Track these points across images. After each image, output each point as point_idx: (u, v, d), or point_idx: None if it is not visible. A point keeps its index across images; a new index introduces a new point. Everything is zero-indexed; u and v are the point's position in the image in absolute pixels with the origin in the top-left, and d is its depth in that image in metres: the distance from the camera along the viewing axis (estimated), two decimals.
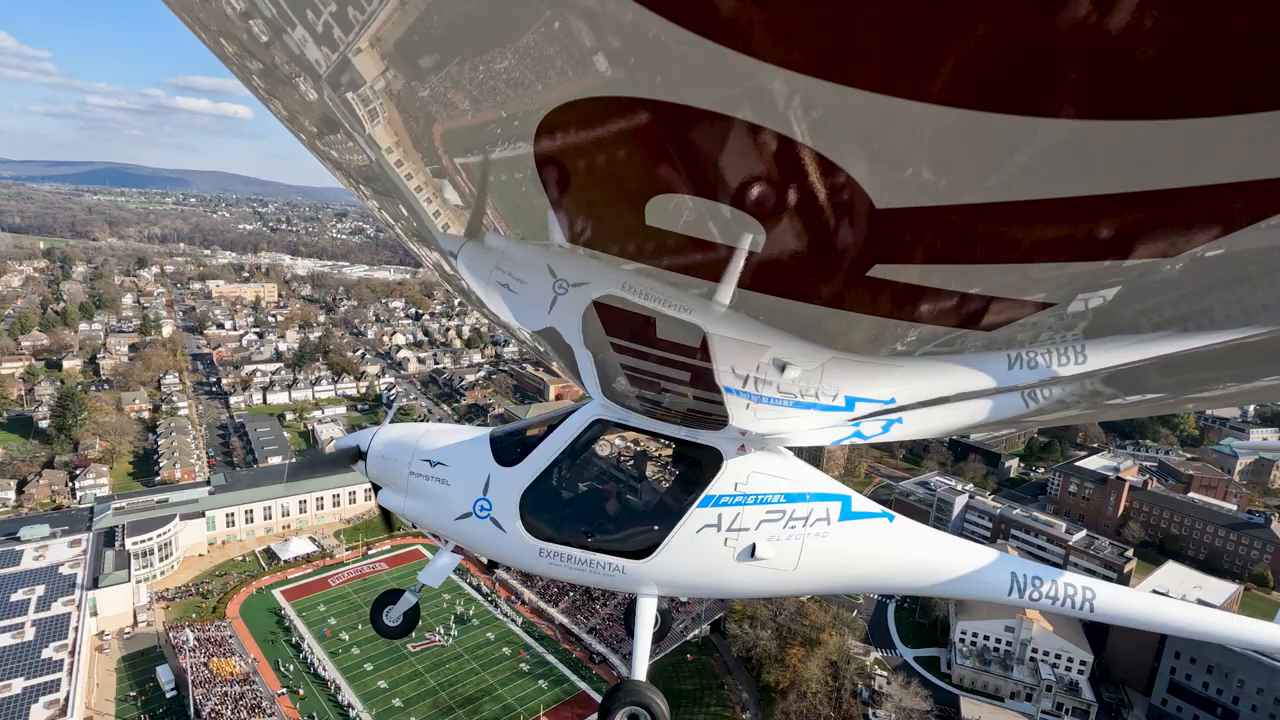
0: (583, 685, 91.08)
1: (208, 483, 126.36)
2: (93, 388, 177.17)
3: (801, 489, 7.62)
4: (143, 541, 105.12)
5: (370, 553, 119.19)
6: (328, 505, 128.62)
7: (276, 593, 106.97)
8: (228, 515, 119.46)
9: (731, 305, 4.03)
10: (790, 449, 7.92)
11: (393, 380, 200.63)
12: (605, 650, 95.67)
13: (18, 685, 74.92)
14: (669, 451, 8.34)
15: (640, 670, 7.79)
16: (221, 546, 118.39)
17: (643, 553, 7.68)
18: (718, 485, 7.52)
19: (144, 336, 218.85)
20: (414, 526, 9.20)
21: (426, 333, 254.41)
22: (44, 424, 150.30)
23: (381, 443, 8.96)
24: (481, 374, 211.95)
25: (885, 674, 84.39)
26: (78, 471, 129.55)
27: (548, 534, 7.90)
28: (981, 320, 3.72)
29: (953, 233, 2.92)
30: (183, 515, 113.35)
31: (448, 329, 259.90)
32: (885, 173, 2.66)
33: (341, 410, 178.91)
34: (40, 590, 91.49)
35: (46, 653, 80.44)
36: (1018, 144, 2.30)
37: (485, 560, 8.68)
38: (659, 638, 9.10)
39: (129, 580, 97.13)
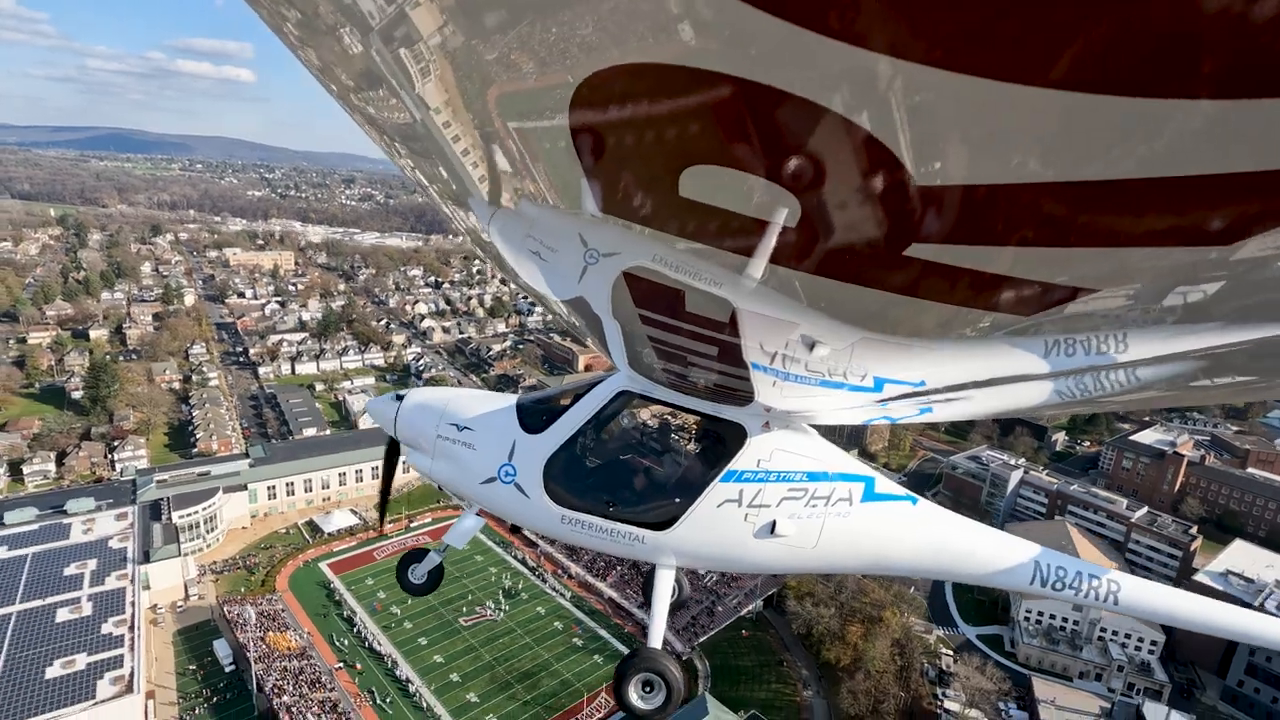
0: None
1: (246, 455, 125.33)
2: (120, 358, 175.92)
3: (824, 468, 7.52)
4: (188, 515, 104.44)
5: (411, 526, 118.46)
6: (366, 477, 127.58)
7: (323, 566, 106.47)
8: (269, 488, 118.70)
9: (762, 280, 3.94)
10: (817, 427, 7.84)
11: (419, 350, 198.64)
12: None
13: (81, 660, 74.47)
14: (693, 425, 8.30)
15: (656, 639, 7.85)
16: (264, 519, 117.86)
17: (663, 524, 7.69)
18: (740, 461, 7.45)
19: (166, 306, 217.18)
20: (452, 499, 9.30)
21: (448, 301, 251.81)
22: (77, 395, 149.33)
23: (410, 406, 9.02)
24: (507, 344, 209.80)
25: (950, 653, 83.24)
26: (115, 443, 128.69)
27: (570, 501, 7.96)
28: (1020, 304, 3.60)
29: (995, 213, 2.84)
30: (225, 488, 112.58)
31: (469, 298, 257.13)
32: (926, 148, 2.61)
33: (370, 381, 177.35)
34: (92, 564, 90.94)
35: (106, 628, 79.92)
36: (1076, 120, 2.27)
37: (510, 524, 8.80)
38: (676, 607, 9.31)
39: (179, 554, 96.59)
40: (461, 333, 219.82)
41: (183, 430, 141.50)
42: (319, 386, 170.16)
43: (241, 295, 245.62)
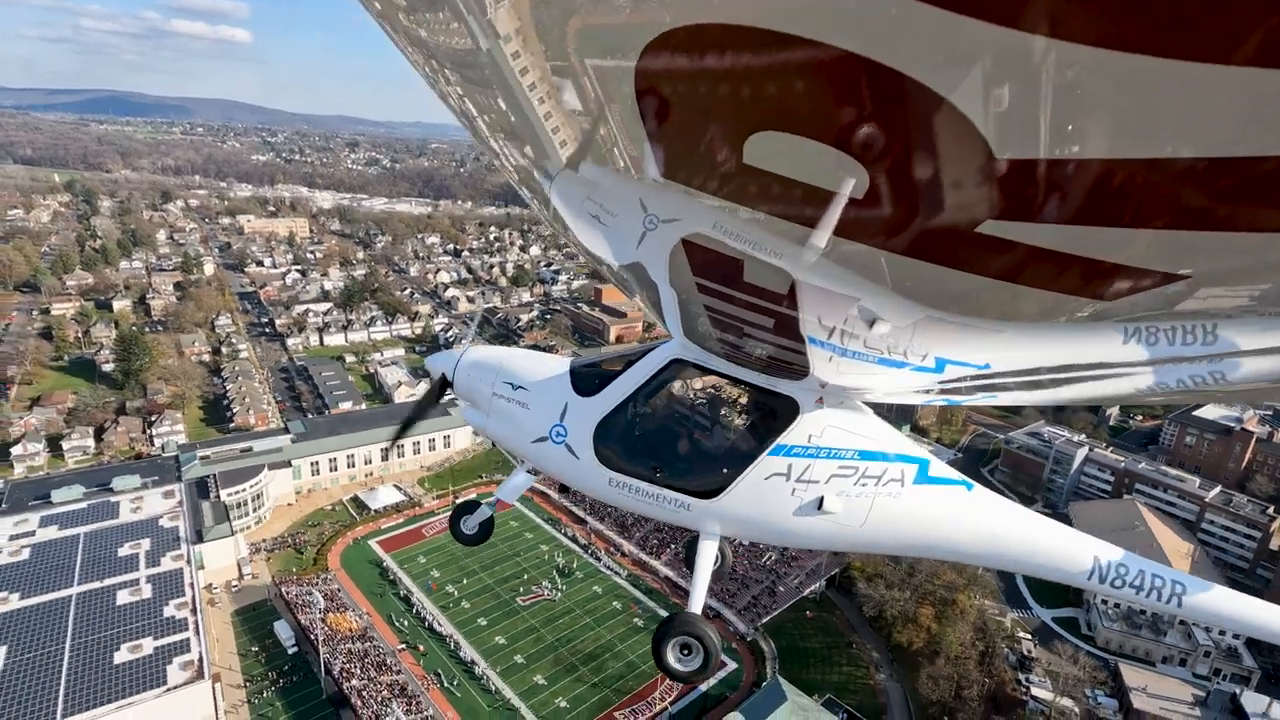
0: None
1: (286, 430, 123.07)
2: (146, 329, 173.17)
3: (877, 447, 7.38)
4: (236, 493, 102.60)
5: (457, 500, 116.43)
6: (409, 453, 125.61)
7: (373, 544, 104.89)
8: (312, 464, 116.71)
9: (824, 253, 3.83)
10: (871, 405, 7.66)
11: (447, 321, 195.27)
12: (718, 605, 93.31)
13: (148, 645, 73.06)
14: (744, 396, 8.11)
15: (696, 605, 7.98)
16: (308, 495, 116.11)
17: (709, 493, 7.73)
18: (791, 435, 7.39)
19: (186, 275, 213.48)
20: (495, 475, 10.11)
21: (470, 270, 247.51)
22: (108, 368, 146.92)
23: (468, 364, 9.24)
24: (534, 314, 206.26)
25: (1029, 637, 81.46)
26: (153, 418, 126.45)
27: (618, 465, 8.02)
28: (1099, 288, 3.45)
29: (1079, 191, 2.72)
30: (270, 465, 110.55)
31: (490, 266, 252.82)
32: (1010, 120, 2.50)
33: (400, 352, 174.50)
34: (146, 544, 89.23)
35: (168, 610, 78.41)
36: (1179, 94, 2.17)
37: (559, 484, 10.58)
38: (718, 576, 9.62)
39: (231, 533, 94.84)
40: (486, 302, 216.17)
41: (217, 405, 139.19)
42: (349, 358, 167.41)
43: (260, 264, 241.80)
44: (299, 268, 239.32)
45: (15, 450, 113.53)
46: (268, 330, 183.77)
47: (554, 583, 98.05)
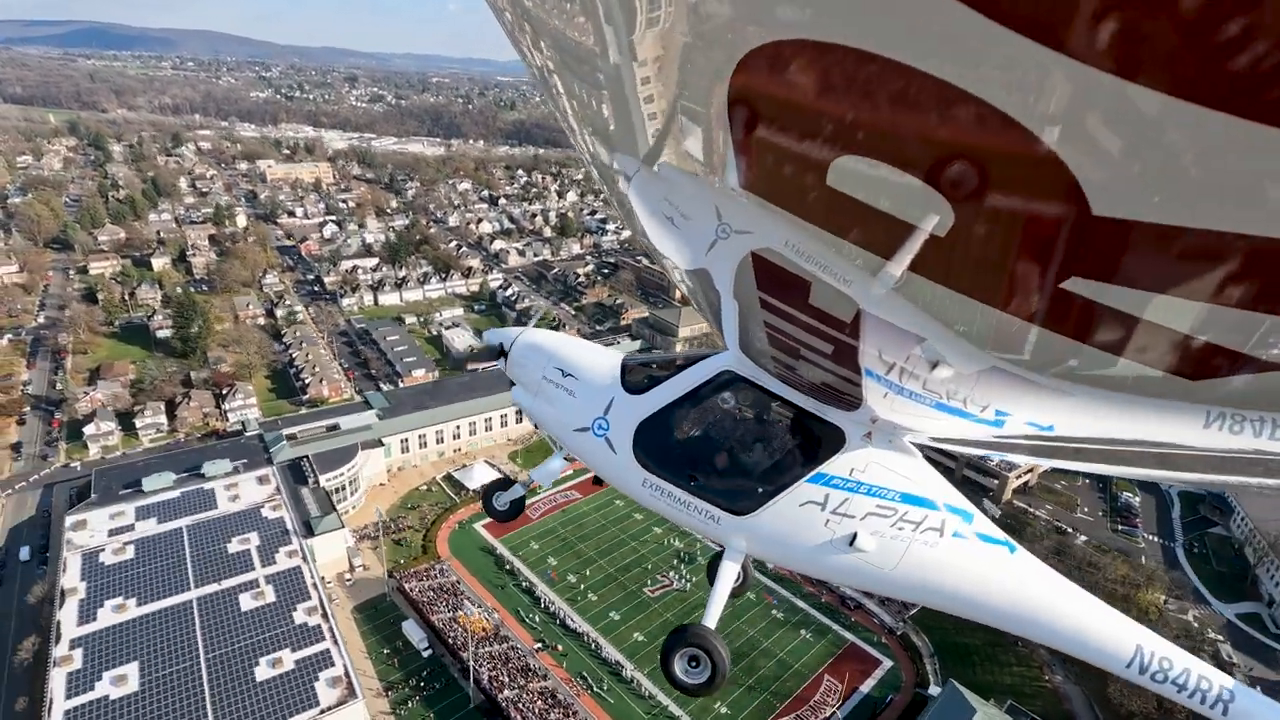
0: (849, 635, 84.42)
1: (367, 404, 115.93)
2: (190, 288, 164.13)
3: (922, 492, 7.12)
4: (335, 478, 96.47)
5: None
6: (495, 426, 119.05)
7: (480, 529, 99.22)
8: (402, 441, 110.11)
9: (896, 286, 3.70)
10: (920, 448, 7.41)
11: (504, 277, 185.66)
12: (859, 595, 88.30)
13: (288, 659, 67.82)
14: (791, 419, 7.72)
15: (711, 619, 7.91)
16: (398, 474, 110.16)
17: (740, 510, 7.66)
18: (833, 466, 7.26)
19: (220, 228, 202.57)
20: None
21: (511, 219, 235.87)
22: (162, 334, 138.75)
23: (523, 344, 9.45)
24: (589, 267, 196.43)
25: (1220, 638, 76.55)
26: (224, 391, 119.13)
27: (654, 467, 8.03)
28: (1188, 366, 3.26)
29: (1182, 259, 2.59)
30: (363, 444, 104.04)
31: (531, 215, 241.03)
32: (1116, 175, 2.43)
33: (458, 311, 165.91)
34: (254, 539, 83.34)
35: (298, 617, 73.05)
36: None
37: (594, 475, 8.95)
38: (738, 592, 9.21)
39: (340, 525, 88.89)
40: (536, 255, 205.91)
41: (284, 374, 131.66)
42: (409, 319, 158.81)
43: (291, 214, 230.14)
44: (333, 218, 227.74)
45: (88, 429, 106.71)
46: (316, 289, 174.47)
47: (679, 571, 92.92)
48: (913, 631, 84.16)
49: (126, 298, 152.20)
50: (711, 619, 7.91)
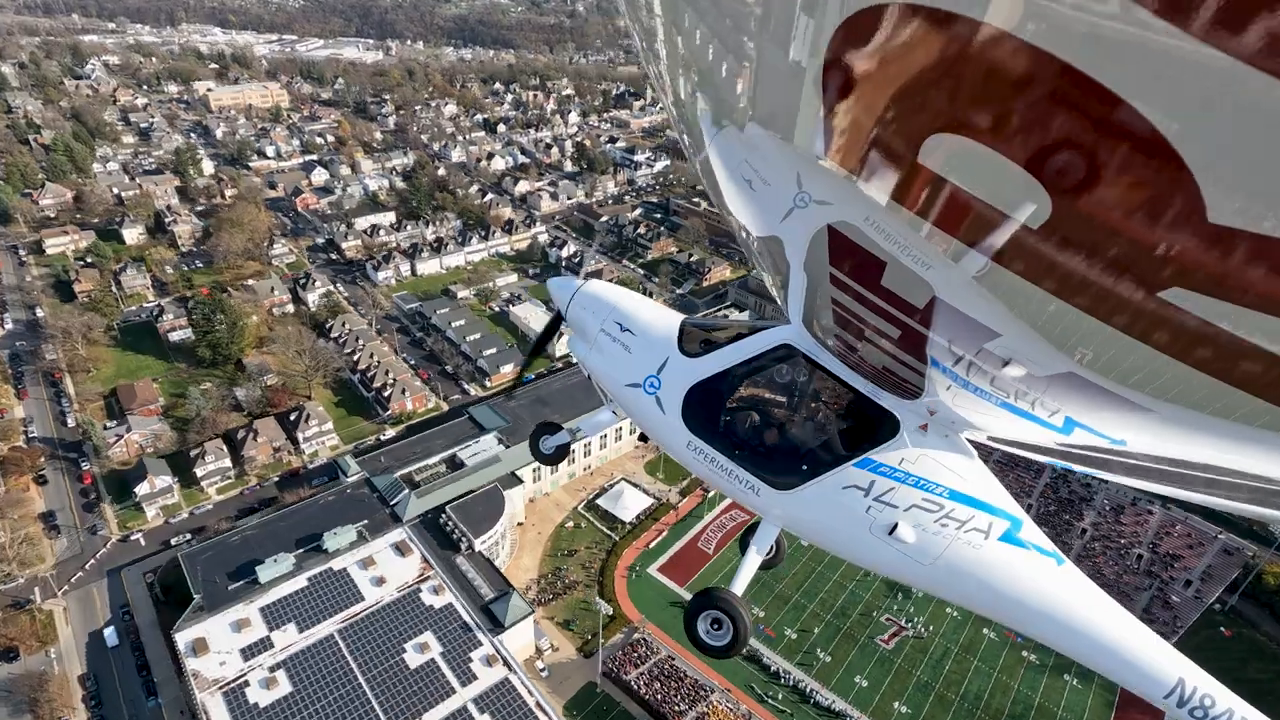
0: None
1: (473, 422, 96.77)
2: (183, 266, 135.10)
3: (971, 492, 6.92)
4: (488, 539, 79.08)
5: (710, 495, 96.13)
6: (625, 435, 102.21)
7: (656, 574, 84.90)
8: (534, 470, 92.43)
9: (978, 275, 3.49)
10: (976, 446, 7.10)
11: (548, 233, 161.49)
12: None
13: None
14: (845, 400, 7.58)
15: (739, 586, 8.01)
16: (532, 506, 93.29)
17: (782, 485, 7.58)
18: (882, 453, 7.08)
19: (185, 180, 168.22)
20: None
21: (524, 151, 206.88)
22: (175, 336, 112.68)
23: (585, 294, 9.42)
24: (637, 211, 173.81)
25: None
26: (291, 417, 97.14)
27: (701, 431, 8.00)
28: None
29: None
30: (503, 485, 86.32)
31: (542, 144, 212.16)
32: (1244, 184, 2.26)
33: (512, 279, 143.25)
34: (433, 643, 66.91)
35: None
36: None
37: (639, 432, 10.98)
38: (770, 564, 9.37)
39: (531, 610, 72.63)
40: (568, 197, 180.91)
41: (348, 385, 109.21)
42: (461, 293, 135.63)
43: (262, 154, 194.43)
44: (314, 158, 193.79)
45: (140, 489, 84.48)
46: (334, 259, 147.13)
47: (908, 614, 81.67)
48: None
49: (113, 285, 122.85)
50: (738, 585, 7.99)
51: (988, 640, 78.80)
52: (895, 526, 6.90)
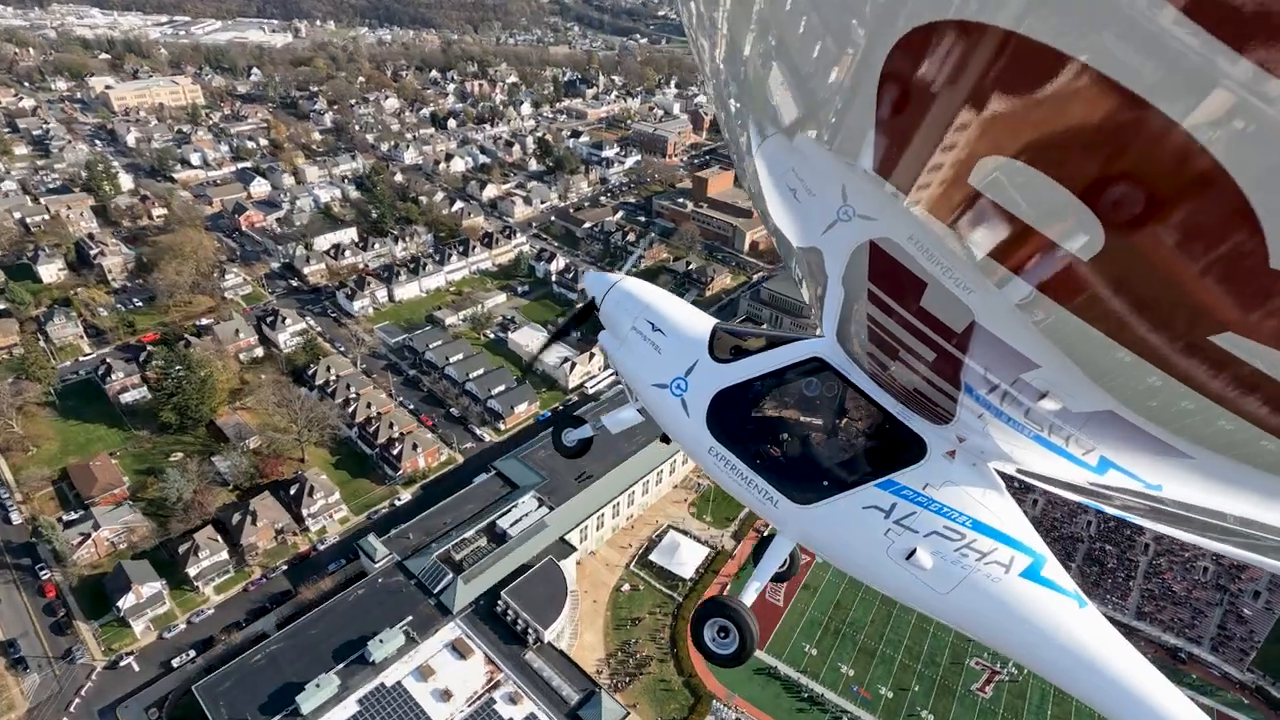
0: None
1: (504, 479, 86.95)
2: (121, 307, 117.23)
3: (995, 524, 6.77)
4: (555, 628, 70.32)
5: (765, 535, 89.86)
6: (665, 477, 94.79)
7: None
8: (580, 531, 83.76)
9: (1020, 304, 3.38)
10: (1004, 478, 7.05)
11: (529, 244, 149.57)
12: (1180, 641, 78.89)
13: None
14: (873, 420, 7.46)
15: (749, 596, 8.01)
16: (580, 568, 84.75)
17: (801, 499, 7.52)
18: (907, 476, 6.96)
19: (100, 198, 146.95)
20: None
21: (484, 151, 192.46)
22: (128, 397, 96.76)
23: (620, 291, 9.39)
24: (618, 215, 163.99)
25: None
26: (293, 491, 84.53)
27: (724, 437, 8.00)
28: None
29: None
30: (556, 554, 77.44)
31: (501, 141, 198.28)
32: None
33: (501, 299, 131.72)
34: None
35: None
36: None
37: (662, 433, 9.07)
38: (783, 577, 9.64)
39: (626, 712, 64.53)
40: (541, 201, 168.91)
41: (346, 442, 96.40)
42: (449, 319, 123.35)
43: (187, 164, 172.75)
44: (247, 166, 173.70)
45: (125, 602, 70.89)
46: (295, 286, 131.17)
47: (993, 653, 78.20)
48: (1266, 682, 75.97)
49: (39, 338, 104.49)
50: (749, 596, 7.99)
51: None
52: (913, 552, 6.73)
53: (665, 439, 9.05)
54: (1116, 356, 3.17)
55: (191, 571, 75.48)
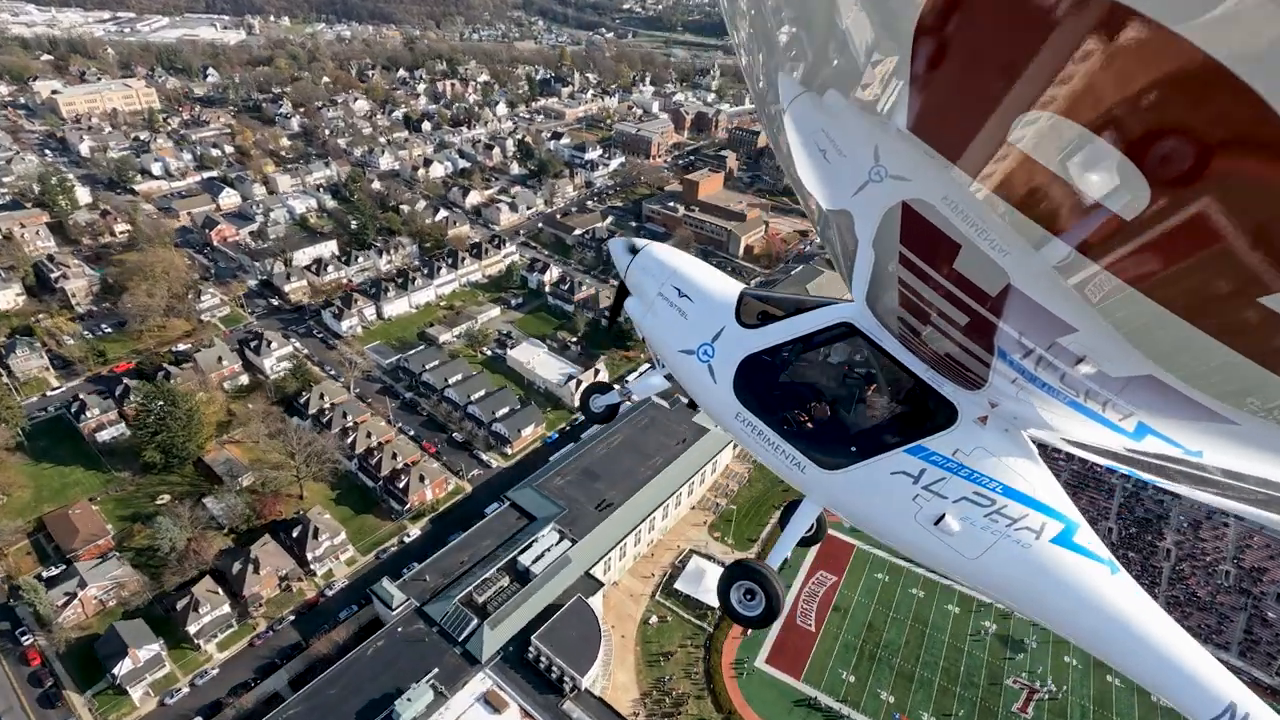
0: None
1: (519, 510, 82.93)
2: (87, 334, 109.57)
3: (1027, 490, 6.65)
4: (591, 672, 66.78)
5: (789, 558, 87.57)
6: (684, 501, 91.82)
7: (766, 666, 75.88)
8: (604, 562, 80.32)
9: (1059, 265, 3.28)
10: (1037, 444, 6.84)
11: (519, 253, 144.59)
12: (1209, 648, 78.82)
13: None
14: (903, 385, 7.29)
15: (775, 559, 8.06)
16: (604, 600, 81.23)
17: (829, 464, 7.43)
18: (936, 442, 6.82)
19: (55, 214, 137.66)
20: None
21: (462, 155, 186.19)
22: (104, 436, 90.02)
23: (648, 256, 9.25)
24: (607, 220, 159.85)
25: None
26: (295, 533, 79.28)
27: (751, 403, 7.91)
28: None
29: None
30: (583, 592, 73.91)
31: (480, 145, 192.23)
32: None
33: (495, 313, 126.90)
34: None
35: None
36: None
37: (687, 400, 9.72)
38: (811, 541, 9.47)
39: None
40: (527, 206, 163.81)
41: (347, 475, 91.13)
42: (443, 336, 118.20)
43: (149, 174, 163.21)
44: (214, 175, 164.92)
45: (121, 668, 65.17)
46: (276, 305, 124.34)
47: (1030, 670, 77.28)
48: None
49: (4, 375, 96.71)
50: (775, 559, 8.02)
51: (1115, 689, 75.77)
52: (942, 517, 6.67)
53: (692, 405, 6.83)
54: (1158, 319, 2.99)
55: (192, 629, 69.98)
